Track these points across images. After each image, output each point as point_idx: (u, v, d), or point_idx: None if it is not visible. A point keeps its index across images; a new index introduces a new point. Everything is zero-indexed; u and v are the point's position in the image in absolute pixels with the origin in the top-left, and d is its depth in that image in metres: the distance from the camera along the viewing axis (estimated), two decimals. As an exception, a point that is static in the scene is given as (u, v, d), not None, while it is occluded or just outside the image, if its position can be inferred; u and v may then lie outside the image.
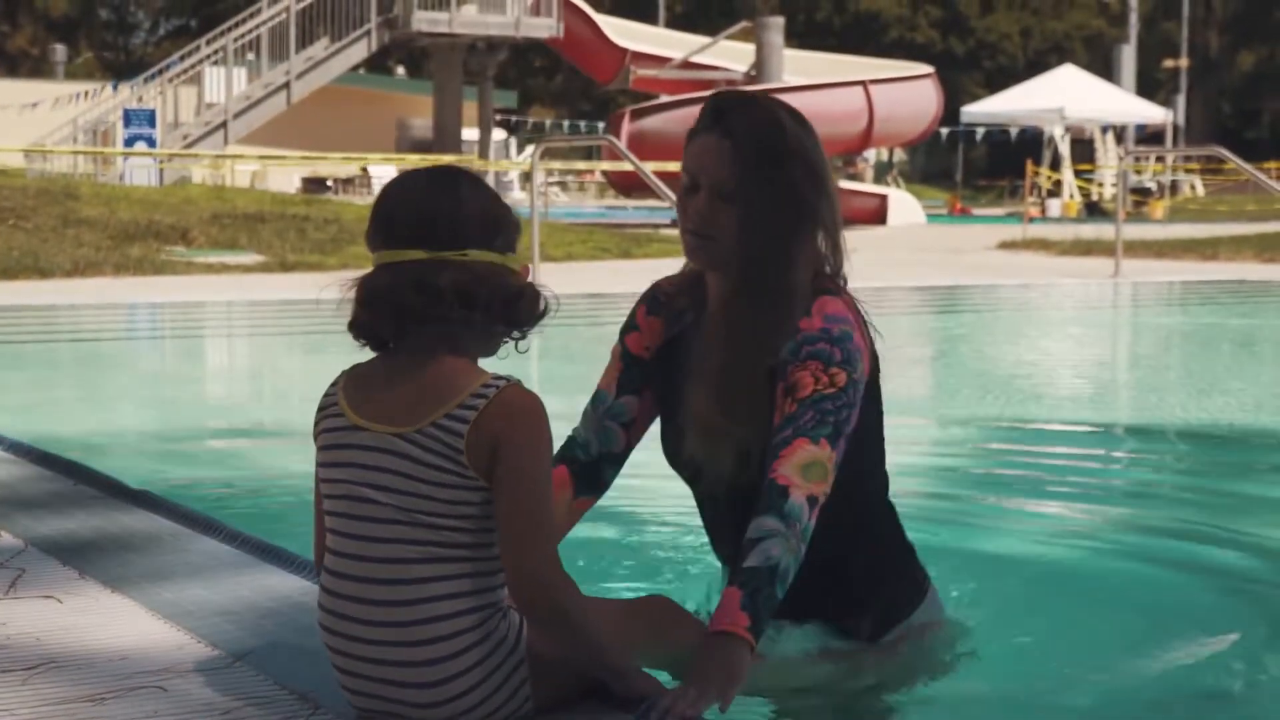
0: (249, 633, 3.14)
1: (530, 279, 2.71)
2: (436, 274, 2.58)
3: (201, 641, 3.09)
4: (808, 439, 2.94)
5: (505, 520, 2.56)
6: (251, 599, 3.39)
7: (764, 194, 3.08)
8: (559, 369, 2.54)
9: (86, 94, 34.08)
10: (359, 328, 2.67)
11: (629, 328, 3.36)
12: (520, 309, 2.66)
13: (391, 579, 2.57)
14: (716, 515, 3.29)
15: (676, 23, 56.26)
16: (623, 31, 37.52)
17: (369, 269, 2.70)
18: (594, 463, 3.32)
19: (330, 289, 2.69)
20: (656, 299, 3.33)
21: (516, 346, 2.74)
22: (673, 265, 3.28)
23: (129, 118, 30.12)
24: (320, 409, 2.71)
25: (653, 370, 3.31)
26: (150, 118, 30.11)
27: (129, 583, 3.54)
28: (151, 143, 29.45)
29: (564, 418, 2.78)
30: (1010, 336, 11.89)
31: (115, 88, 34.52)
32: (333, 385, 2.71)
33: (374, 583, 2.59)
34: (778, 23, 35.67)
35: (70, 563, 3.72)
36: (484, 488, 2.56)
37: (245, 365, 10.69)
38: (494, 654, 2.60)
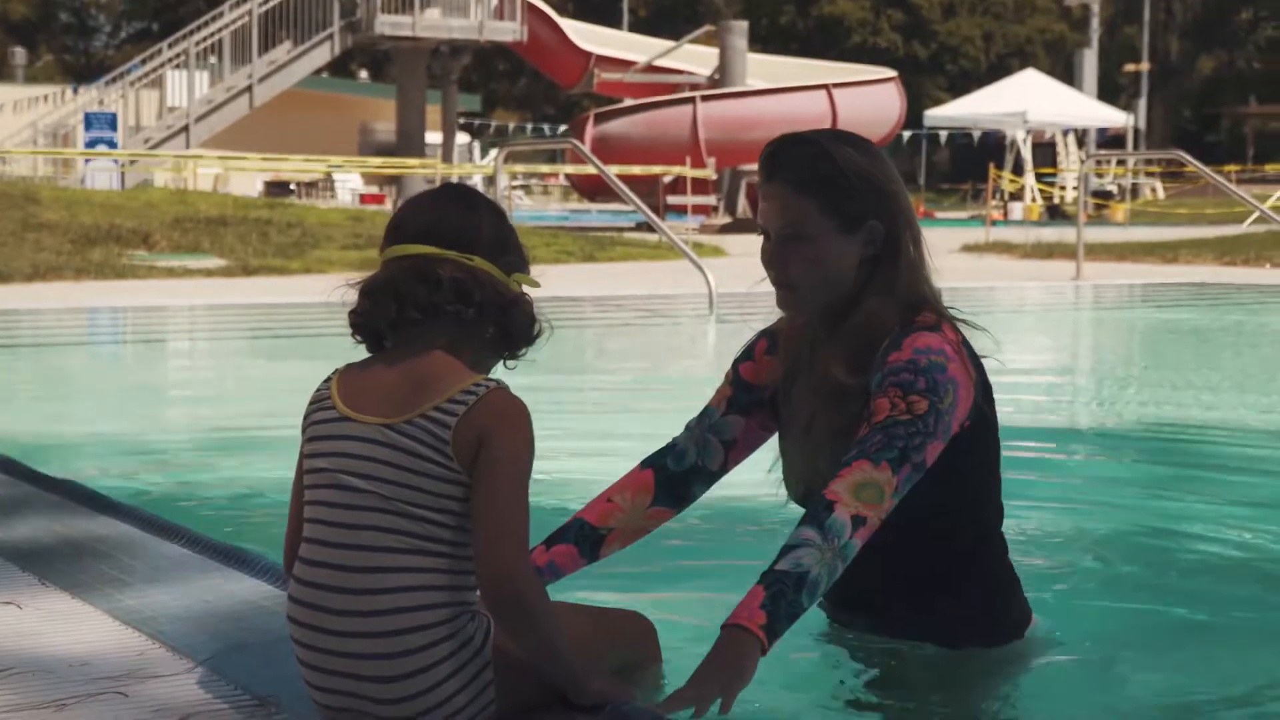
0: (210, 637, 3.13)
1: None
2: (438, 266, 2.66)
3: (162, 646, 3.08)
4: (869, 461, 2.90)
5: (480, 514, 2.58)
6: (213, 603, 3.39)
7: (822, 230, 3.06)
8: (519, 370, 2.55)
9: (47, 97, 33.97)
10: (359, 316, 2.71)
11: (745, 357, 3.34)
12: (515, 317, 2.73)
13: (367, 567, 2.58)
14: None
15: (640, 26, 56.31)
16: (587, 35, 37.59)
17: (335, 273, 2.73)
18: (684, 474, 3.30)
19: (339, 289, 2.75)
20: (777, 338, 3.31)
21: (506, 364, 2.80)
22: (636, 269, 3.29)
23: (90, 121, 30.03)
24: (312, 402, 2.74)
25: (767, 403, 3.30)
26: (111, 121, 30.03)
27: (90, 588, 3.52)
28: (113, 146, 29.36)
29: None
30: (974, 339, 11.88)
31: (76, 91, 34.43)
32: (325, 381, 2.75)
33: (349, 570, 2.59)
34: (741, 27, 35.77)
35: (30, 568, 3.71)
36: (467, 483, 2.59)
37: (207, 370, 10.65)
38: (460, 652, 2.60)
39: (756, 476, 3.42)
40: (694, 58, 37.11)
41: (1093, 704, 3.19)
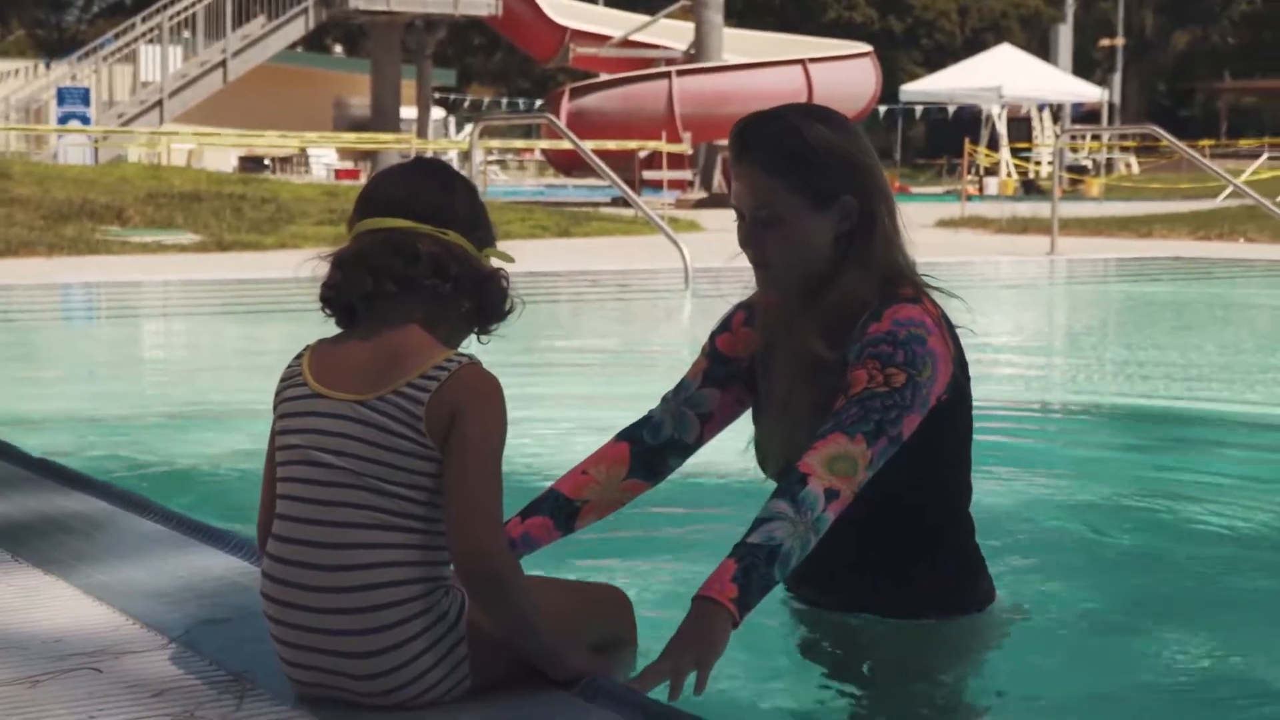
0: (184, 613, 3.13)
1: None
2: (415, 240, 2.66)
3: (136, 622, 3.08)
4: (844, 433, 2.89)
5: (452, 490, 2.57)
6: (186, 579, 3.38)
7: (795, 209, 3.05)
8: (494, 345, 2.55)
9: (18, 72, 33.81)
10: (331, 289, 2.70)
11: (722, 329, 3.33)
12: (490, 292, 2.73)
13: (341, 543, 2.58)
14: None
15: (615, 1, 56.19)
16: (562, 10, 37.48)
17: (310, 248, 2.74)
18: (660, 447, 3.30)
19: (309, 262, 2.75)
20: (755, 310, 3.29)
21: (479, 339, 2.80)
22: (612, 244, 3.29)
23: (63, 96, 29.88)
24: (283, 379, 2.73)
25: (744, 376, 3.29)
26: (84, 96, 29.89)
27: (63, 564, 3.52)
28: (86, 121, 29.23)
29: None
30: (950, 313, 11.89)
31: (48, 66, 34.26)
32: (296, 358, 2.74)
33: (323, 547, 2.59)
34: (717, 1, 35.67)
35: (2, 545, 3.70)
36: (439, 459, 2.59)
37: (181, 345, 10.62)
38: (435, 627, 2.60)
39: (736, 445, 3.42)
40: (670, 32, 37.03)
41: (1057, 675, 3.21)
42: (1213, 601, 3.84)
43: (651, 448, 3.30)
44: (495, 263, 2.78)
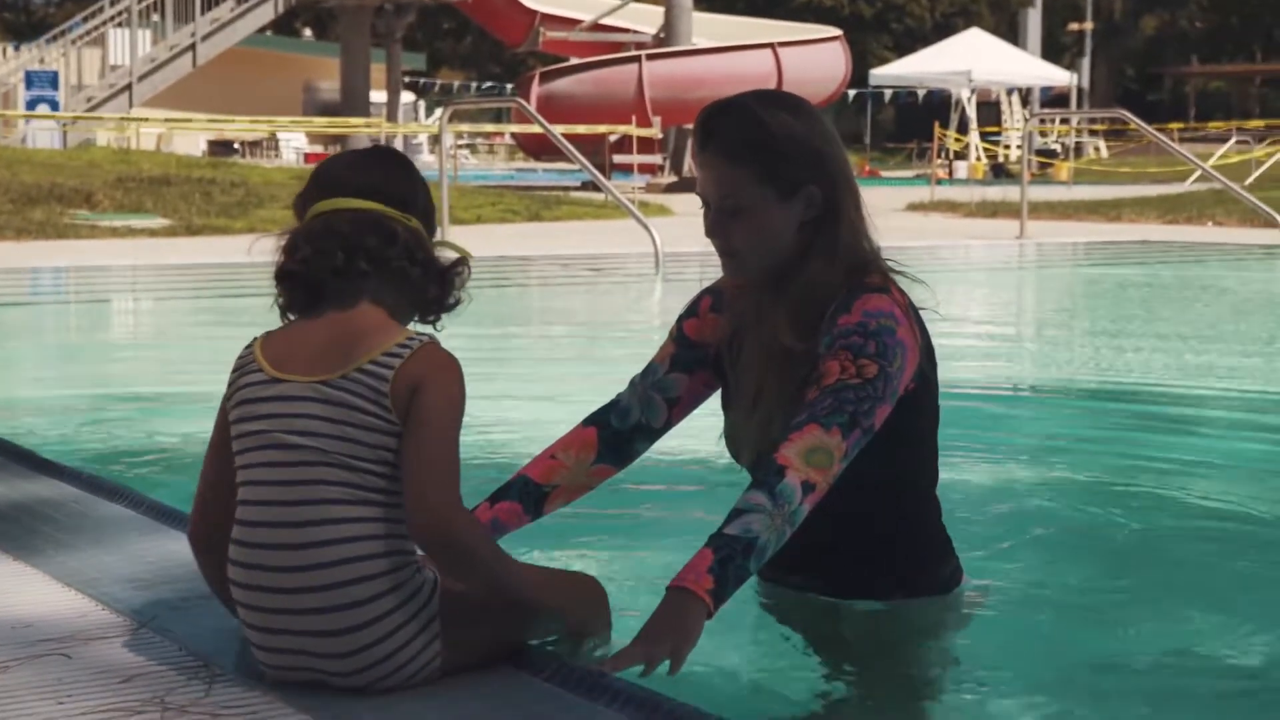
0: (153, 598, 3.13)
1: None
2: (392, 221, 2.70)
3: (105, 608, 3.08)
4: (819, 425, 2.90)
5: (410, 459, 2.59)
6: (156, 564, 3.38)
7: (760, 198, 3.06)
8: (465, 330, 2.54)
9: (-14, 55, 33.59)
10: (300, 264, 2.69)
11: (689, 314, 3.33)
12: (453, 281, 2.79)
13: (308, 520, 2.59)
14: None
15: (585, -15, 56.02)
16: (531, -7, 37.33)
17: (280, 231, 2.75)
18: (627, 432, 3.30)
19: (263, 244, 2.76)
20: (722, 296, 3.29)
21: (435, 327, 2.83)
22: (582, 228, 3.30)
23: (31, 80, 29.72)
24: (235, 370, 2.74)
25: (711, 361, 3.29)
26: (53, 80, 29.74)
27: (32, 549, 3.51)
28: (54, 105, 29.09)
29: (467, 378, 2.79)
30: (919, 297, 11.92)
31: (17, 49, 34.08)
32: (247, 347, 2.75)
33: (291, 526, 2.60)
34: (686, -15, 35.61)
35: (-28, 530, 3.69)
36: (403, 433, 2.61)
37: (150, 330, 10.59)
38: (407, 605, 2.61)
39: (707, 427, 3.42)
40: (640, 16, 36.96)
41: (1024, 656, 3.22)
42: (1181, 581, 3.86)
43: (619, 432, 3.30)
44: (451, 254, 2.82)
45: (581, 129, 27.04)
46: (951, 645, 3.27)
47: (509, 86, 46.08)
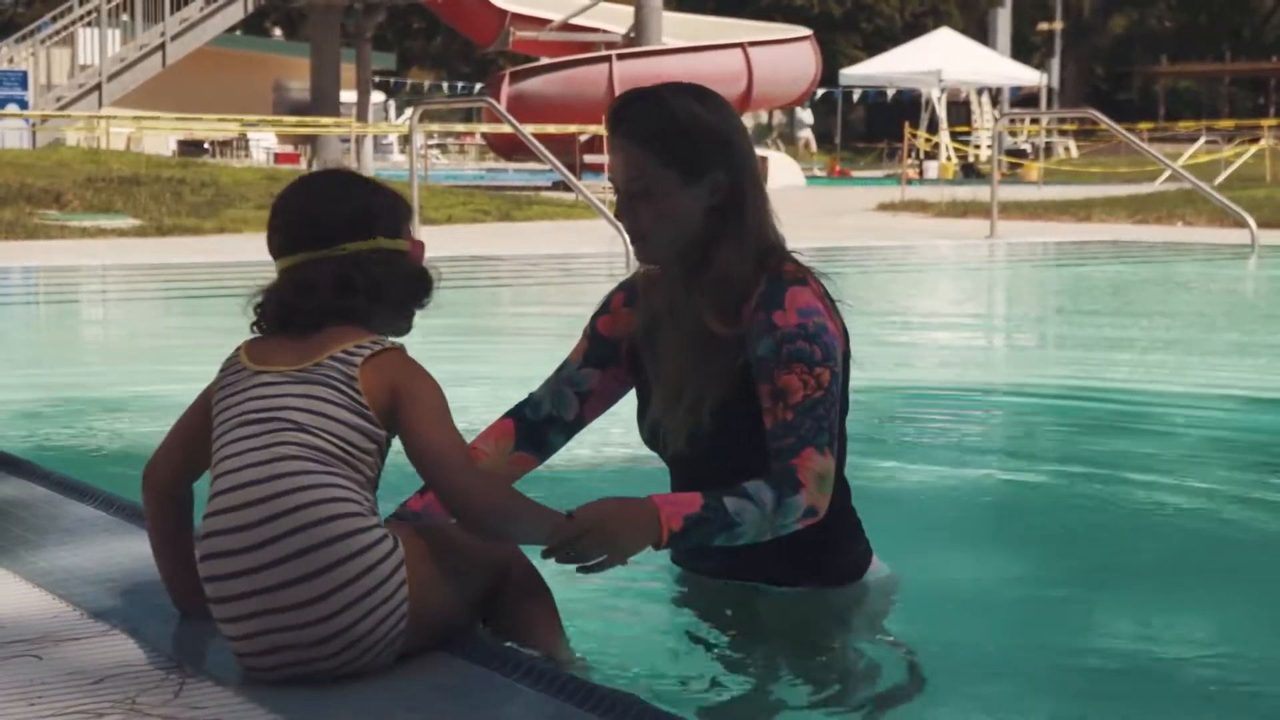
0: (125, 599, 3.12)
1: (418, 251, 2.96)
2: (354, 266, 2.84)
3: (77, 609, 3.07)
4: (814, 449, 3.03)
5: (419, 453, 2.75)
6: (127, 565, 3.37)
7: (666, 182, 3.13)
8: (439, 330, 2.53)
9: (-46, 55, 33.42)
10: (284, 309, 2.84)
11: (602, 310, 3.41)
12: (424, 284, 2.93)
13: (279, 490, 2.66)
14: (680, 485, 3.31)
15: (556, -16, 56.00)
16: (501, -7, 37.30)
17: (250, 233, 2.87)
18: (540, 424, 3.39)
19: (253, 298, 2.89)
20: (635, 290, 3.37)
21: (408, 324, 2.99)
22: (553, 228, 3.33)
23: (0, 79, 29.60)
24: (222, 370, 2.88)
25: (624, 356, 3.37)
26: (22, 79, 29.61)
27: (2, 551, 3.50)
28: (24, 105, 28.98)
29: (439, 378, 2.82)
30: (890, 297, 12.00)
31: (-15, 49, 33.88)
32: (235, 351, 2.89)
33: (261, 502, 2.67)
34: (657, -15, 35.61)
35: (-59, 531, 3.67)
36: (374, 421, 2.74)
37: (121, 330, 10.57)
38: (372, 572, 2.66)
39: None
40: (610, 15, 36.94)
41: (940, 639, 3.28)
42: (1121, 572, 3.95)
43: (532, 423, 3.39)
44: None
45: (552, 129, 27.04)
46: (864, 630, 3.31)
47: (479, 86, 46.05)
